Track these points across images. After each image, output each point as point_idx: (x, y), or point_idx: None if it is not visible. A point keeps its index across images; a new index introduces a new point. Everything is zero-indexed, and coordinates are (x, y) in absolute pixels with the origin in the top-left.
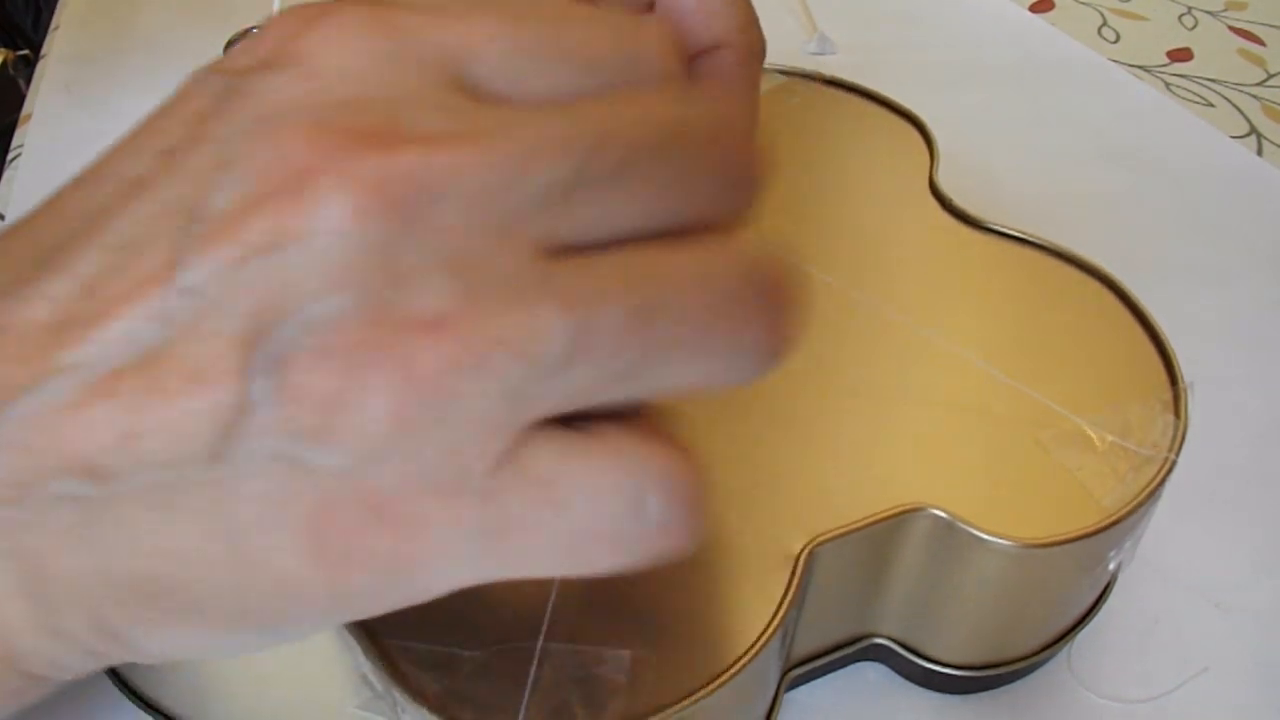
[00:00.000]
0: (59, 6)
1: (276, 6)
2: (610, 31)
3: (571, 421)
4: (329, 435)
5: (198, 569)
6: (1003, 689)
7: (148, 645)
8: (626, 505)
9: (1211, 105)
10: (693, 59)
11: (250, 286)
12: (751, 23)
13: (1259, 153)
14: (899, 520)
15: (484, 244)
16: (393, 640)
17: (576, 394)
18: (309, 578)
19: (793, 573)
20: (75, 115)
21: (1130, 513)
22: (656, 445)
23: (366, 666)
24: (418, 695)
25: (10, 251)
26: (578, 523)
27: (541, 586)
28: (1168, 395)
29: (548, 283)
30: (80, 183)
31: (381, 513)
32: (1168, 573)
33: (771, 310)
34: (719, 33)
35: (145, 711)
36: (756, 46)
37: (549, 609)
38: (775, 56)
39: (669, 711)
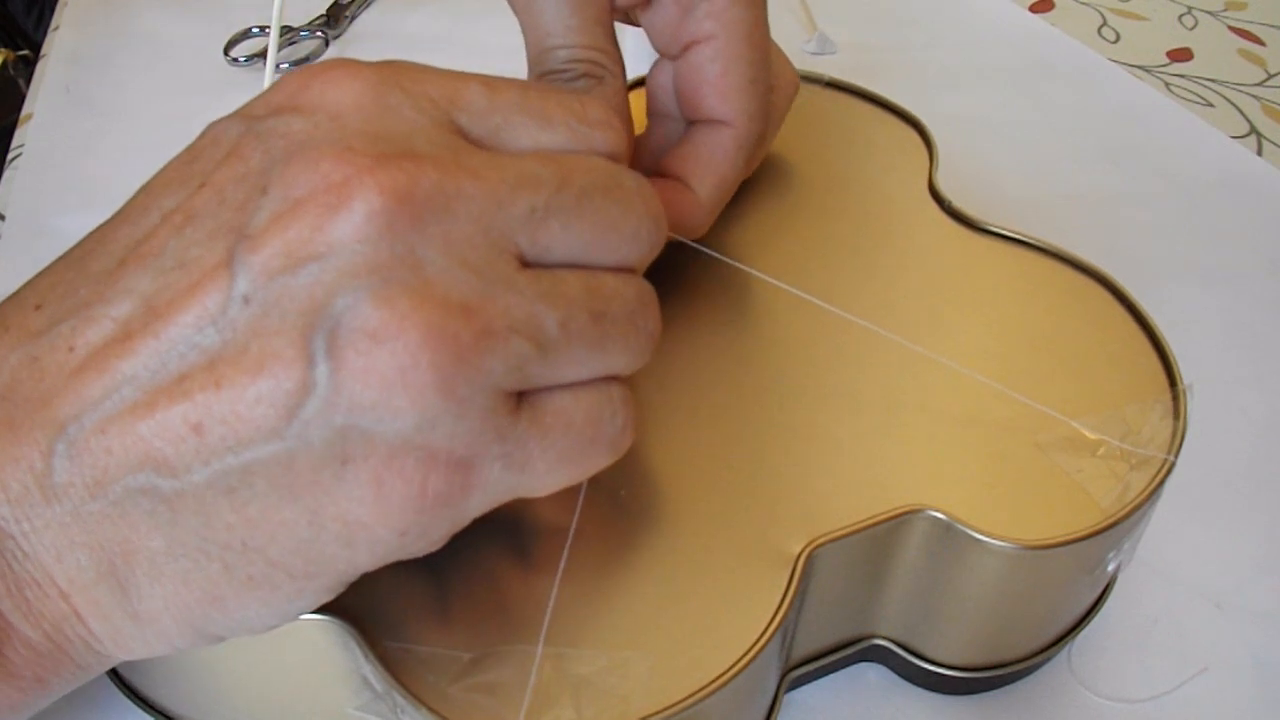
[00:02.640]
0: (59, 6)
1: (278, 8)
2: (561, 99)
3: None
4: (388, 408)
5: (273, 531)
6: (1003, 689)
7: (219, 623)
8: (608, 413)
9: (1211, 105)
10: (696, 123)
11: (299, 285)
12: (761, 113)
13: (1259, 153)
14: (898, 522)
15: (486, 252)
16: (393, 642)
17: (559, 369)
18: (375, 523)
19: (792, 574)
20: (75, 115)
21: (1129, 514)
22: (611, 378)
23: (367, 668)
24: (418, 697)
25: (64, 280)
26: (579, 434)
27: (542, 589)
28: (1167, 397)
29: (535, 285)
30: (122, 218)
31: (435, 461)
32: (1168, 573)
33: (654, 319)
34: (729, 112)
35: (145, 711)
36: (758, 136)
37: (548, 611)
38: None
39: (668, 712)
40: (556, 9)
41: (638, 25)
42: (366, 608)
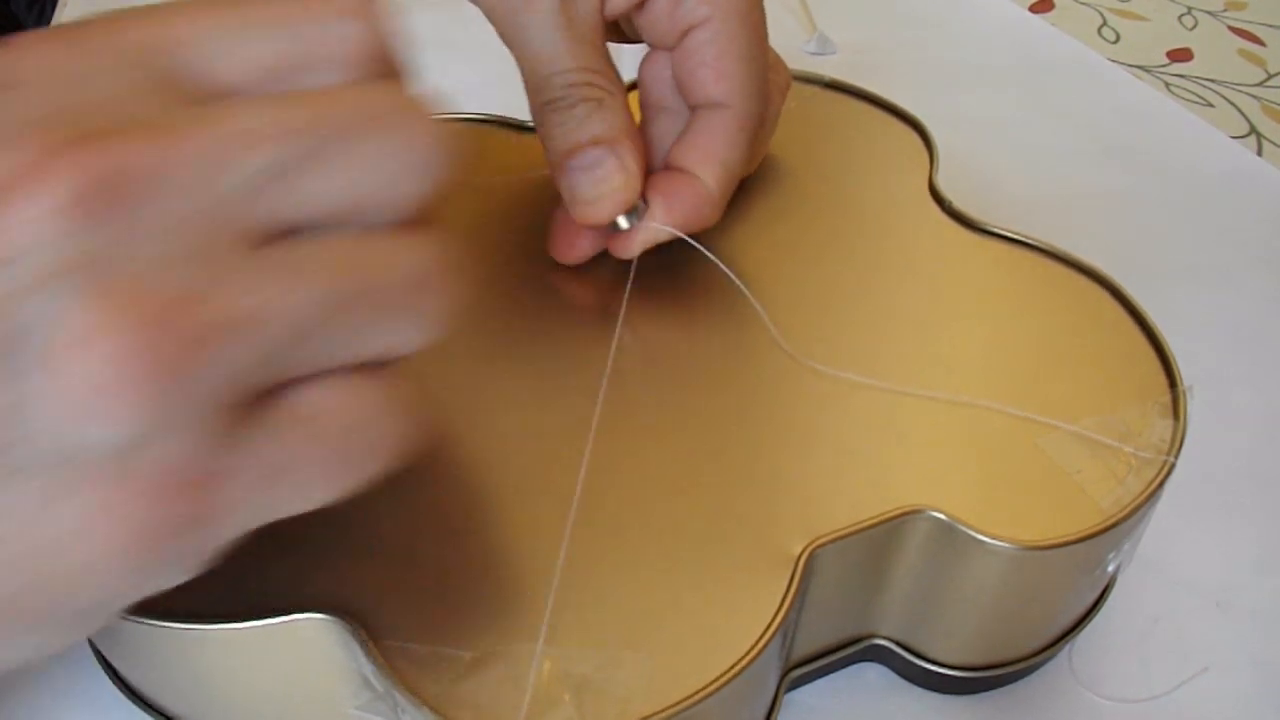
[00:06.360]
0: (59, 6)
1: None
2: (298, 4)
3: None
4: (97, 419)
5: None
6: (1003, 689)
7: None
8: (371, 417)
9: (1211, 105)
10: (696, 110)
11: None
12: (759, 92)
13: (1259, 153)
14: (899, 522)
15: (209, 233)
16: (393, 641)
17: (312, 358)
18: (111, 558)
19: (793, 574)
20: None
21: (1129, 515)
22: (383, 371)
23: (367, 667)
24: (418, 696)
25: None
26: (334, 445)
27: (542, 589)
28: (1166, 398)
29: (275, 265)
30: None
31: (169, 481)
32: (1168, 573)
33: (441, 292)
34: (727, 91)
35: (144, 711)
36: (757, 115)
37: (548, 610)
38: None
39: (669, 712)
40: (544, 35)
41: (635, 40)
42: (367, 607)
